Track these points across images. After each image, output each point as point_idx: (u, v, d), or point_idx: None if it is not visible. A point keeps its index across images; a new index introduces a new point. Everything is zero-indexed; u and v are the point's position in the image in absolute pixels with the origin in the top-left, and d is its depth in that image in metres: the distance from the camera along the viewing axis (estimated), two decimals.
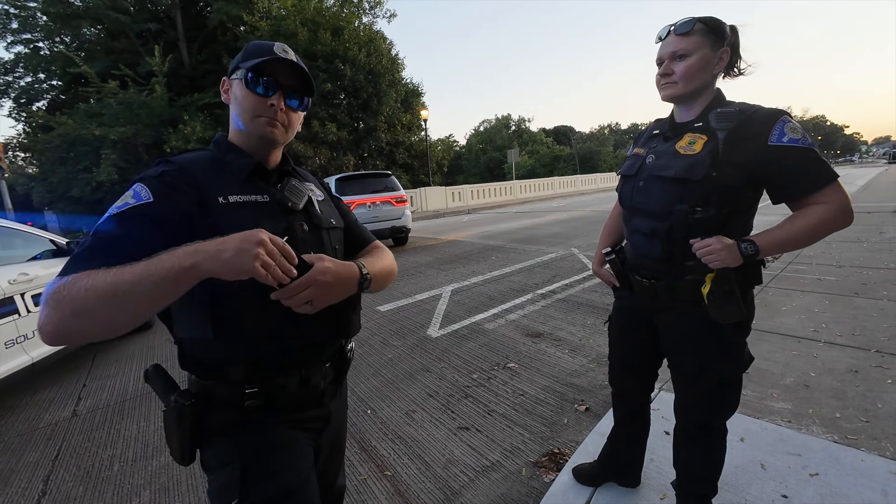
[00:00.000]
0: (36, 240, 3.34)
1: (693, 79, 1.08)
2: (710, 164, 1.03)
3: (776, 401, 2.12)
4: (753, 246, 1.01)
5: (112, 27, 18.44)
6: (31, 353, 2.88)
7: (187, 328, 0.79)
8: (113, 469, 2.11)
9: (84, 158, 16.25)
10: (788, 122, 1.01)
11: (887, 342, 2.63)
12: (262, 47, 0.85)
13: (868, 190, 13.73)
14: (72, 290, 0.59)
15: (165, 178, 0.74)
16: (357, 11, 20.94)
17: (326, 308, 0.83)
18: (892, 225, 6.57)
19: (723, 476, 1.60)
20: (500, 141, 48.60)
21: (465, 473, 1.88)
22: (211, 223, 0.74)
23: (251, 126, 0.83)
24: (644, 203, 1.19)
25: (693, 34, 1.07)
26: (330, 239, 0.94)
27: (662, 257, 1.16)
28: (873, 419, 1.92)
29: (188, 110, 17.20)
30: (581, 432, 2.09)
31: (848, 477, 1.56)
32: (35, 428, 2.58)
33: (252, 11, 18.42)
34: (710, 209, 1.04)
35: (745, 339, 1.19)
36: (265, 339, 0.80)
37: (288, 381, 0.82)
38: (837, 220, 1.01)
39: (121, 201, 0.71)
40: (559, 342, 3.24)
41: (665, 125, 1.22)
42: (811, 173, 1.01)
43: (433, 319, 3.98)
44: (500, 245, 7.88)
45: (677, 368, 1.27)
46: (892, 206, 8.82)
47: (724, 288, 1.03)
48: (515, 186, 22.37)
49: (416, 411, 2.43)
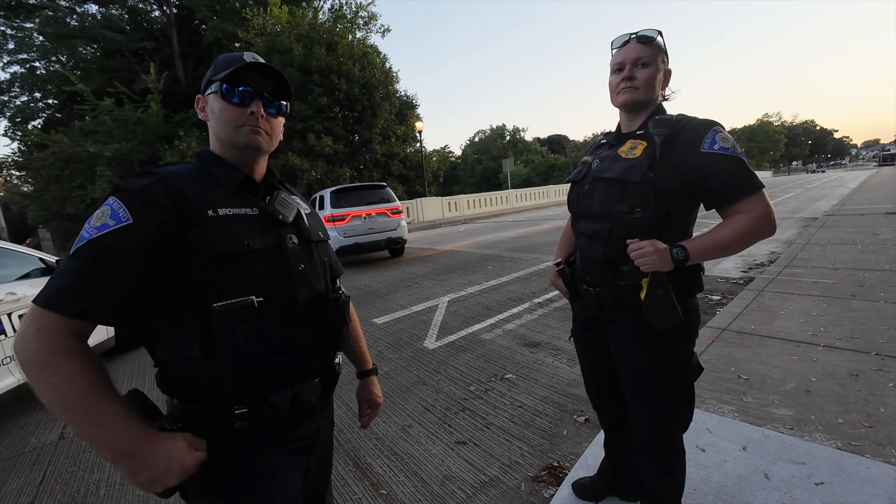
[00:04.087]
0: (25, 258, 3.30)
1: (651, 88, 1.12)
2: (647, 167, 1.08)
3: (777, 407, 2.08)
4: (684, 251, 1.04)
5: (108, 46, 18.60)
6: (18, 375, 2.82)
7: (172, 349, 0.75)
8: (99, 493, 2.04)
9: (79, 176, 16.24)
10: (720, 132, 1.06)
11: (886, 344, 2.61)
12: (231, 58, 0.84)
13: (860, 192, 13.86)
14: (44, 366, 0.63)
15: (147, 193, 0.71)
16: (351, 27, 21.25)
17: (320, 321, 0.81)
18: (886, 227, 6.60)
19: (725, 487, 1.58)
20: (495, 151, 49.06)
21: (463, 490, 1.83)
22: (198, 238, 0.71)
23: (235, 137, 0.82)
24: (588, 206, 1.24)
25: (654, 45, 1.11)
26: (318, 252, 0.92)
27: (603, 259, 1.18)
28: (876, 424, 1.88)
29: (184, 126, 17.25)
30: (581, 444, 2.04)
31: (854, 485, 1.52)
32: (20, 452, 2.51)
33: (247, 28, 18.64)
34: (647, 210, 1.07)
35: (691, 349, 1.18)
36: (258, 356, 0.76)
37: (280, 398, 0.79)
38: (761, 228, 1.04)
39: (98, 220, 0.68)
40: (557, 351, 3.20)
41: (612, 135, 1.27)
42: (738, 181, 1.04)
43: (430, 331, 3.93)
44: (496, 254, 7.87)
45: (623, 377, 1.27)
46: (885, 207, 8.89)
47: (659, 292, 1.05)
48: (511, 195, 22.48)
49: (413, 426, 2.37)
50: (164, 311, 0.72)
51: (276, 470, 0.79)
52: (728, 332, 3.06)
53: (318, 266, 0.90)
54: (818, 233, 6.68)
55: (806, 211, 10.90)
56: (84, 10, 18.37)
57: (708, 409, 2.12)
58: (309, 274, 0.86)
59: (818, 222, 7.89)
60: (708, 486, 1.59)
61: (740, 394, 2.24)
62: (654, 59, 1.11)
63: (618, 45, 1.17)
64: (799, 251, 5.46)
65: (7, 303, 2.82)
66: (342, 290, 0.96)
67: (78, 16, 18.10)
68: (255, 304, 0.75)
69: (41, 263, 3.35)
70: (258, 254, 0.77)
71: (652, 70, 1.11)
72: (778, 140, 69.53)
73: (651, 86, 1.12)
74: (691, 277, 1.13)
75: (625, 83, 1.13)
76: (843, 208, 9.65)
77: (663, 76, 1.15)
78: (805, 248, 5.64)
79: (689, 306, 1.12)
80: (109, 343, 3.84)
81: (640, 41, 1.11)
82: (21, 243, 3.18)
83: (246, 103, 0.81)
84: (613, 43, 1.18)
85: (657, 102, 1.18)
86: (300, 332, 0.82)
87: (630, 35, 1.14)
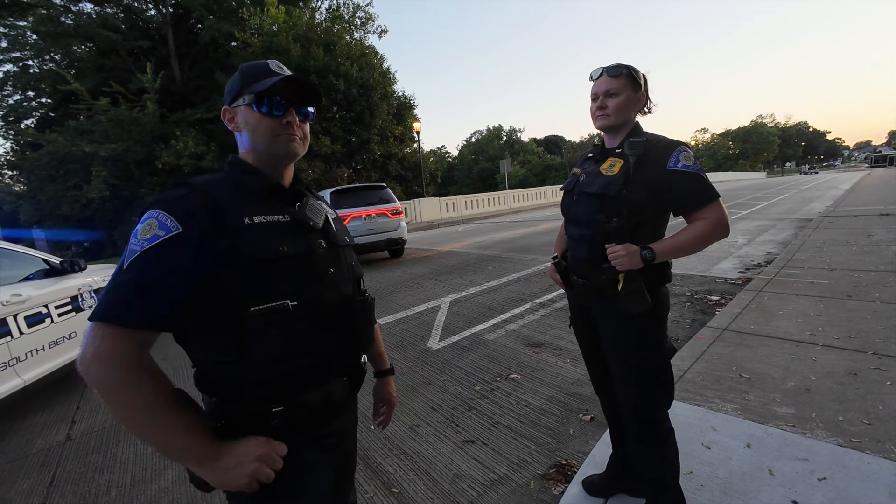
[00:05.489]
0: (28, 259, 3.29)
1: (621, 113, 1.31)
2: (622, 183, 1.26)
3: (779, 405, 2.13)
4: (651, 252, 1.23)
5: (103, 45, 18.49)
6: (24, 377, 2.82)
7: (209, 351, 0.78)
8: (111, 494, 2.05)
9: (74, 175, 16.11)
10: (684, 152, 1.24)
11: (883, 344, 2.67)
12: (258, 69, 0.86)
13: (853, 193, 14.03)
14: (114, 389, 0.67)
15: (186, 202, 0.73)
16: (348, 27, 21.23)
17: (347, 323, 0.84)
18: (879, 227, 6.70)
19: (731, 483, 1.62)
20: (491, 151, 49.10)
21: (473, 488, 1.86)
22: (234, 245, 0.74)
23: (273, 147, 0.84)
24: (576, 213, 1.43)
25: (621, 77, 1.29)
26: (345, 256, 0.95)
27: (588, 258, 1.37)
28: (875, 421, 1.93)
29: (180, 126, 17.18)
30: (587, 442, 2.08)
31: (855, 480, 1.57)
32: (27, 454, 2.51)
33: (244, 28, 18.58)
34: (622, 219, 1.26)
35: (663, 331, 1.34)
36: (292, 357, 0.79)
37: (312, 397, 0.82)
38: (716, 231, 1.23)
39: (146, 232, 0.70)
40: (560, 351, 3.24)
41: (597, 150, 1.44)
42: (697, 193, 1.23)
43: (433, 331, 3.96)
44: (496, 255, 7.91)
45: (609, 359, 1.43)
46: (878, 208, 9.02)
47: (632, 285, 1.24)
48: (509, 196, 22.54)
49: (420, 425, 2.40)
50: (202, 315, 0.74)
51: (310, 466, 0.82)
52: (728, 332, 3.11)
53: (345, 270, 0.93)
54: (813, 234, 6.77)
55: (801, 212, 11.03)
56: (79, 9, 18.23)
57: (711, 407, 2.16)
58: (337, 278, 0.89)
59: (813, 223, 8.00)
60: (714, 482, 1.63)
61: (742, 392, 2.28)
62: (623, 89, 1.29)
63: (594, 77, 1.35)
64: (795, 252, 5.54)
65: (13, 304, 2.82)
66: (367, 292, 0.99)
67: (73, 14, 17.96)
68: (290, 307, 0.77)
69: (45, 265, 3.34)
70: (291, 259, 0.80)
71: (621, 98, 1.29)
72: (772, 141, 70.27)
73: (621, 111, 1.30)
74: (660, 272, 1.31)
75: (599, 111, 1.32)
76: (838, 209, 9.78)
77: (637, 100, 1.32)
78: (801, 249, 5.72)
79: (658, 294, 1.30)
80: None
81: (610, 74, 1.30)
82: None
83: (280, 114, 0.84)
84: (591, 75, 1.36)
85: (633, 122, 1.36)
86: (330, 333, 0.84)
87: (601, 70, 1.33)
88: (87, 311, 3.50)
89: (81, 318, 3.42)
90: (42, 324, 3.03)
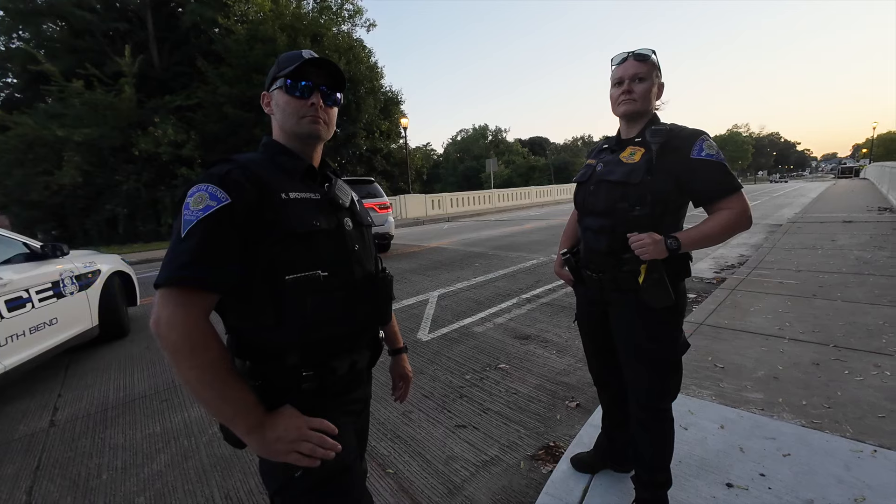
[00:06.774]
0: (8, 242, 3.19)
1: (647, 99, 1.28)
2: (645, 171, 1.24)
3: (750, 392, 2.29)
4: (677, 241, 1.20)
5: (76, 25, 17.66)
6: (4, 362, 2.74)
7: (246, 318, 0.82)
8: (102, 478, 2.04)
9: (44, 161, 15.39)
10: (707, 141, 1.23)
11: (843, 338, 2.88)
12: (292, 56, 0.91)
13: (821, 201, 14.77)
14: (190, 352, 0.70)
15: (232, 175, 0.78)
16: (336, 19, 20.94)
17: (371, 297, 0.90)
18: (843, 234, 7.12)
19: (707, 459, 1.75)
20: (477, 150, 49.30)
21: (466, 468, 1.94)
22: (273, 218, 0.79)
23: (298, 127, 0.89)
24: (594, 204, 1.39)
25: (648, 62, 1.27)
26: (367, 235, 1.01)
27: (607, 250, 1.34)
28: (835, 405, 2.11)
29: (158, 113, 16.61)
30: (573, 426, 2.19)
31: (816, 456, 1.72)
32: (9, 440, 2.45)
33: (227, 14, 18.08)
34: (646, 208, 1.24)
35: (680, 326, 1.35)
36: (323, 325, 0.84)
37: (340, 364, 0.87)
38: (740, 222, 1.22)
39: (198, 203, 0.74)
40: (546, 343, 3.35)
41: (613, 140, 1.43)
42: (721, 182, 1.22)
43: (422, 324, 4.02)
44: (482, 252, 8.02)
45: (621, 351, 1.43)
46: (842, 216, 9.55)
47: (655, 276, 1.22)
48: (494, 195, 22.75)
49: (413, 412, 2.47)
50: (241, 283, 0.79)
51: (339, 423, 0.88)
52: (705, 326, 3.29)
53: (368, 247, 0.99)
54: (783, 238, 7.14)
55: (772, 217, 11.56)
56: None
57: (689, 393, 2.31)
58: (362, 254, 0.95)
59: (783, 228, 8.42)
60: (692, 458, 1.76)
61: (717, 380, 2.44)
62: (650, 75, 1.27)
63: (617, 62, 1.32)
64: (766, 254, 5.85)
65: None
66: (387, 270, 1.05)
67: None
68: (321, 277, 0.83)
69: (25, 248, 3.24)
70: (323, 234, 0.85)
71: (647, 84, 1.27)
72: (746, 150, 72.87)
73: (647, 98, 1.28)
74: (681, 265, 1.30)
75: (624, 96, 1.29)
76: (806, 216, 10.31)
77: (657, 89, 1.31)
78: (772, 251, 6.04)
79: (678, 289, 1.29)
80: (93, 332, 3.75)
81: (637, 59, 1.27)
82: None
83: (307, 96, 0.89)
84: (613, 60, 1.34)
85: (652, 112, 1.34)
86: (358, 305, 0.90)
87: (628, 53, 1.30)
88: (69, 297, 3.42)
89: (63, 305, 3.33)
90: (22, 308, 2.95)
